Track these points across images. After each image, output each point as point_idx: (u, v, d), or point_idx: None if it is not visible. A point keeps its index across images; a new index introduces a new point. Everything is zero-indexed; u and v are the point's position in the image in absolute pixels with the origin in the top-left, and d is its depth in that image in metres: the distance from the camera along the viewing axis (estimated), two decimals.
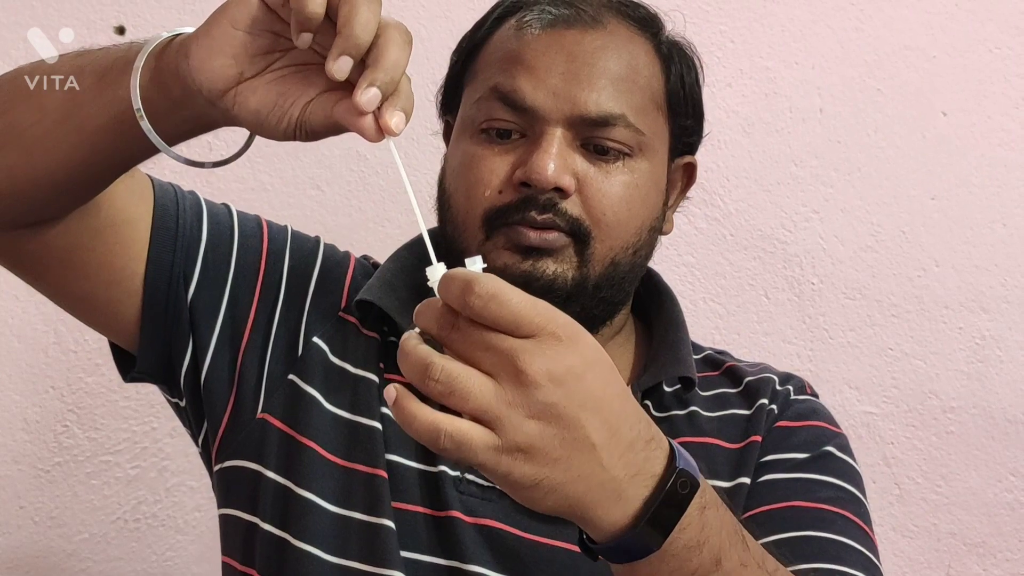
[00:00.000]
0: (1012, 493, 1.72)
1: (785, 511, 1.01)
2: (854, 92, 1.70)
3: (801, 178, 1.70)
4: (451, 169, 1.06)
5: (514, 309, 0.65)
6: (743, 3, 1.69)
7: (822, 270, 1.70)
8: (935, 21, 1.71)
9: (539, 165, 0.99)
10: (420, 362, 0.66)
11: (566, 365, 0.66)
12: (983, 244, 1.71)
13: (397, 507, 1.00)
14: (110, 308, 1.02)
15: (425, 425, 0.65)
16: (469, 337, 0.66)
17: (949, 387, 1.71)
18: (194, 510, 1.62)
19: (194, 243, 1.03)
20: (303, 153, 1.63)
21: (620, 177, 1.02)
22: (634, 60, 1.04)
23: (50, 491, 1.60)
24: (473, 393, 0.65)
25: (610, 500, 0.69)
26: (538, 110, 1.01)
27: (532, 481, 0.67)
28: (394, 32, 0.74)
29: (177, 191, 1.04)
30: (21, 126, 0.87)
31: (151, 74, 0.82)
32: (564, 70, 1.01)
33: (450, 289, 0.66)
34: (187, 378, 1.05)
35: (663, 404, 1.08)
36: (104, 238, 0.98)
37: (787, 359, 1.68)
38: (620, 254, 1.03)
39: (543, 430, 0.66)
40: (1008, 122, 1.71)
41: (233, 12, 0.77)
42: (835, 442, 1.08)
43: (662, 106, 1.07)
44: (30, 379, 1.59)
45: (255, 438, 1.04)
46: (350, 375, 1.05)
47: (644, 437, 0.71)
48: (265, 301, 1.06)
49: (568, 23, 1.03)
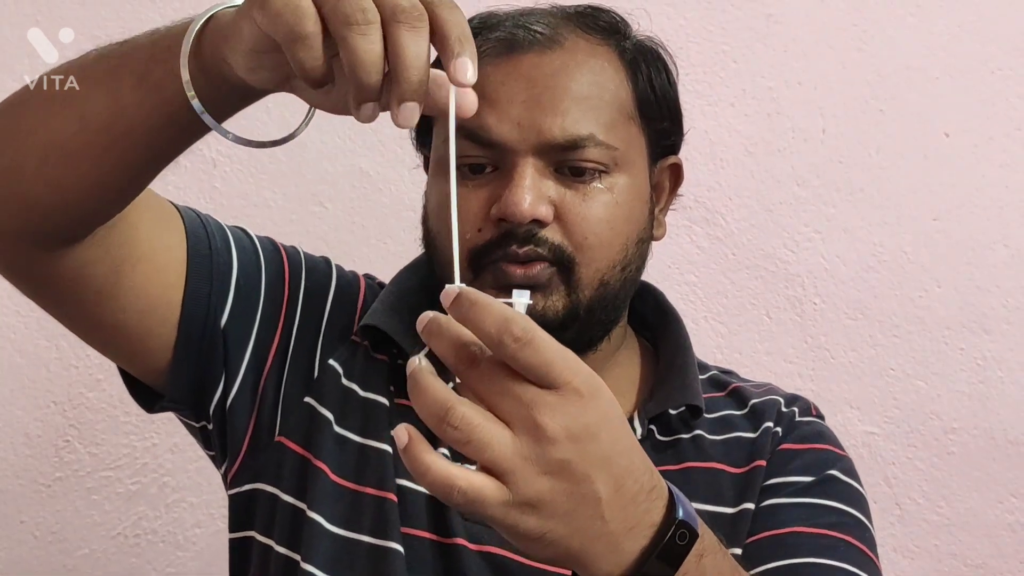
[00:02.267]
0: (1013, 514, 1.71)
1: (787, 537, 1.01)
2: (856, 112, 1.70)
3: (803, 198, 1.70)
4: (431, 210, 1.05)
5: (546, 359, 0.64)
6: (746, 23, 1.70)
7: (824, 290, 1.70)
8: (937, 42, 1.71)
9: (514, 199, 0.97)
10: (439, 405, 0.63)
11: (584, 423, 0.65)
12: (985, 265, 1.71)
13: (405, 532, 0.99)
14: (143, 337, 0.99)
15: (439, 478, 0.64)
16: (491, 380, 0.64)
17: (950, 408, 1.71)
18: (194, 526, 1.62)
19: (227, 270, 1.02)
20: (306, 170, 1.63)
21: (599, 197, 1.00)
22: (596, 76, 1.02)
23: (51, 506, 1.60)
24: (492, 445, 0.63)
25: (606, 552, 0.69)
26: (505, 143, 0.99)
27: (537, 534, 0.66)
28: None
29: (200, 216, 1.03)
30: (62, 138, 0.84)
31: (194, 72, 0.78)
32: (525, 98, 0.99)
33: (484, 320, 0.64)
34: (217, 405, 1.05)
35: (669, 428, 1.07)
36: (142, 267, 0.96)
37: (788, 379, 1.68)
38: (608, 274, 1.02)
39: (553, 486, 0.65)
40: (1010, 143, 1.71)
41: (248, 41, 0.72)
42: (839, 465, 1.07)
43: (633, 115, 1.04)
44: (32, 394, 1.59)
45: (273, 461, 1.04)
46: (361, 398, 1.05)
47: (646, 488, 0.70)
48: (287, 325, 1.06)
49: (524, 47, 1.01)
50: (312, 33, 0.67)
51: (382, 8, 0.66)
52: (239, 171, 1.62)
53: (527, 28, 1.02)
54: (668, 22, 1.66)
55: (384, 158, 1.63)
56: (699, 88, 1.69)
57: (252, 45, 0.72)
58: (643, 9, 1.11)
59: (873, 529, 1.05)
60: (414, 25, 0.67)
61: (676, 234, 1.68)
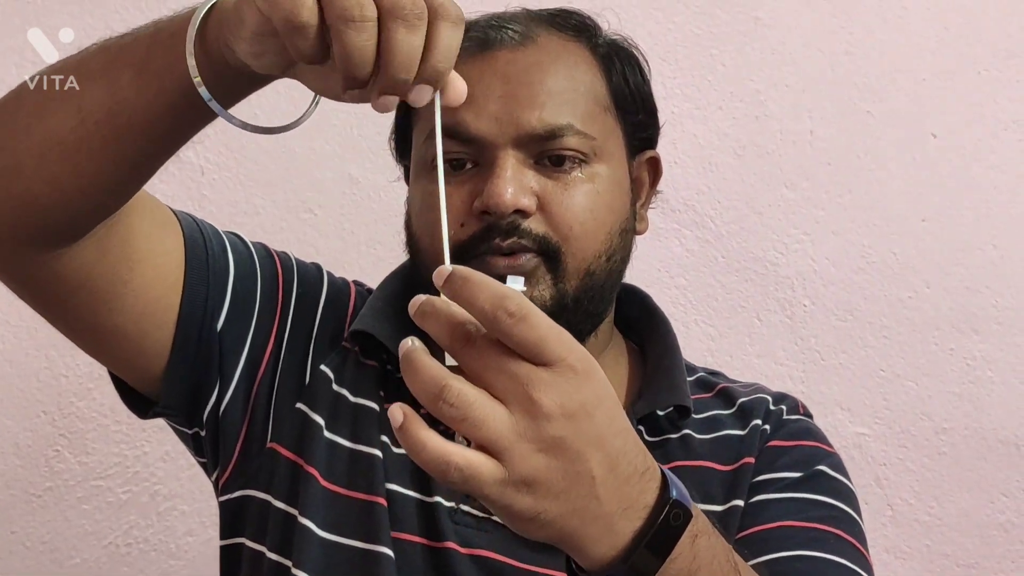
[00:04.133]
0: (1005, 514, 1.72)
1: (778, 531, 1.01)
2: (844, 115, 1.71)
3: (792, 200, 1.70)
4: (414, 211, 1.06)
5: (542, 334, 0.64)
6: (733, 27, 1.70)
7: (813, 292, 1.70)
8: (924, 44, 1.72)
9: (496, 191, 0.98)
10: (434, 382, 0.63)
11: (579, 400, 0.65)
12: (974, 265, 1.71)
13: (396, 536, 0.99)
14: (139, 340, 0.99)
15: (435, 455, 0.63)
16: (486, 357, 0.64)
17: (941, 408, 1.71)
18: (186, 534, 1.62)
19: (224, 275, 1.03)
20: (295, 176, 1.63)
21: (581, 187, 1.01)
22: (570, 69, 1.03)
23: (41, 516, 1.59)
24: (487, 422, 0.63)
25: (601, 533, 0.69)
26: (484, 138, 1.00)
27: (532, 514, 0.66)
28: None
29: (196, 220, 1.03)
30: (60, 133, 0.83)
31: (199, 57, 0.78)
32: (501, 93, 1.00)
33: (478, 297, 0.64)
34: (211, 410, 1.04)
35: (658, 428, 1.07)
36: (140, 269, 0.96)
37: (779, 381, 1.69)
38: (594, 263, 1.02)
39: (549, 463, 0.65)
40: (997, 144, 1.72)
41: (250, 25, 0.73)
42: (828, 461, 1.07)
43: (609, 107, 1.05)
44: (21, 404, 1.58)
45: (265, 468, 1.03)
46: (351, 403, 1.05)
47: (639, 469, 0.70)
48: (280, 331, 1.06)
49: (498, 45, 1.02)
50: (308, 23, 0.68)
51: (382, 2, 0.67)
52: (228, 178, 1.62)
53: (500, 28, 1.03)
54: (656, 26, 1.66)
55: (374, 165, 1.63)
56: (687, 92, 1.69)
57: (254, 28, 0.72)
58: (611, 9, 1.12)
59: (863, 524, 1.05)
60: (411, 23, 0.68)
61: (666, 237, 1.68)
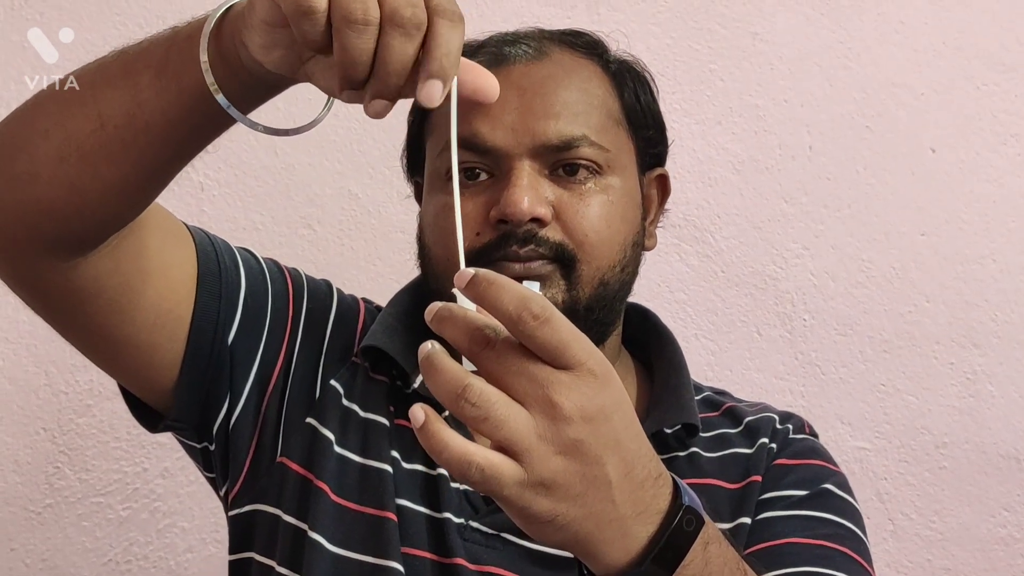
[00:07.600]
0: (1006, 528, 1.72)
1: (784, 547, 1.01)
2: (843, 129, 1.71)
3: (791, 215, 1.71)
4: (427, 223, 1.06)
5: (564, 337, 0.64)
6: (732, 42, 1.71)
7: (813, 306, 1.70)
8: (923, 59, 1.72)
9: (513, 199, 0.99)
10: (455, 381, 0.64)
11: (598, 404, 0.66)
12: (973, 280, 1.71)
13: (406, 552, 1.00)
14: (150, 352, 0.99)
15: (456, 454, 0.63)
16: (505, 360, 0.65)
17: (941, 423, 1.71)
18: (186, 551, 1.61)
19: (236, 289, 1.03)
20: (294, 192, 1.63)
21: (595, 197, 1.02)
22: (584, 83, 1.05)
23: (41, 533, 1.59)
24: (508, 422, 0.64)
25: (616, 537, 0.69)
26: (500, 148, 1.01)
27: (549, 516, 0.66)
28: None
29: (208, 234, 1.04)
30: (79, 137, 0.84)
31: (215, 58, 0.79)
32: (517, 105, 1.01)
33: (502, 299, 0.64)
34: (221, 424, 1.05)
35: (666, 447, 1.07)
36: (153, 280, 0.96)
37: (779, 395, 1.69)
38: (608, 273, 1.03)
39: (567, 466, 0.65)
40: (996, 158, 1.72)
41: (261, 12, 0.73)
42: (833, 480, 1.08)
43: (621, 121, 1.07)
44: (21, 421, 1.58)
45: (275, 482, 1.04)
46: (361, 418, 1.05)
47: (653, 474, 0.71)
48: (290, 346, 1.07)
49: (513, 60, 1.04)
50: (317, 7, 0.69)
51: (383, 8, 0.69)
52: (227, 195, 1.62)
53: (515, 43, 1.06)
54: (655, 41, 1.66)
55: (373, 180, 1.63)
56: (686, 107, 1.70)
57: (264, 16, 0.73)
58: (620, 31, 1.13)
59: (868, 543, 1.05)
60: (409, 32, 0.69)
61: (665, 252, 1.68)
